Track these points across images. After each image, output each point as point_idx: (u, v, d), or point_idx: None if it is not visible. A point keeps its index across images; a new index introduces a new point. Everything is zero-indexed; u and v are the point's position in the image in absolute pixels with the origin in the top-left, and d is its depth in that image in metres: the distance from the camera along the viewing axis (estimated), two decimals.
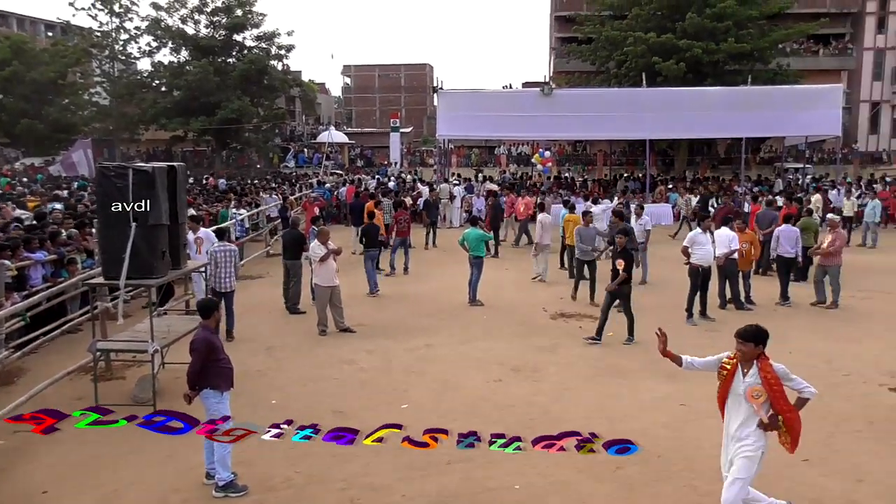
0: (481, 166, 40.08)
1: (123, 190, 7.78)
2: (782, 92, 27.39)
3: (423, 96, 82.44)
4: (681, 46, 31.06)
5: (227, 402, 6.35)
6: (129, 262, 7.73)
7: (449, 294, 14.01)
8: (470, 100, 27.00)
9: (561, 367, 9.52)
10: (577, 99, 27.01)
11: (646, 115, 25.47)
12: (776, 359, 8.95)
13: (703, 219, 12.69)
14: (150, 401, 7.96)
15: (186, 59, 42.46)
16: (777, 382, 5.20)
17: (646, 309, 12.90)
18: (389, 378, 9.16)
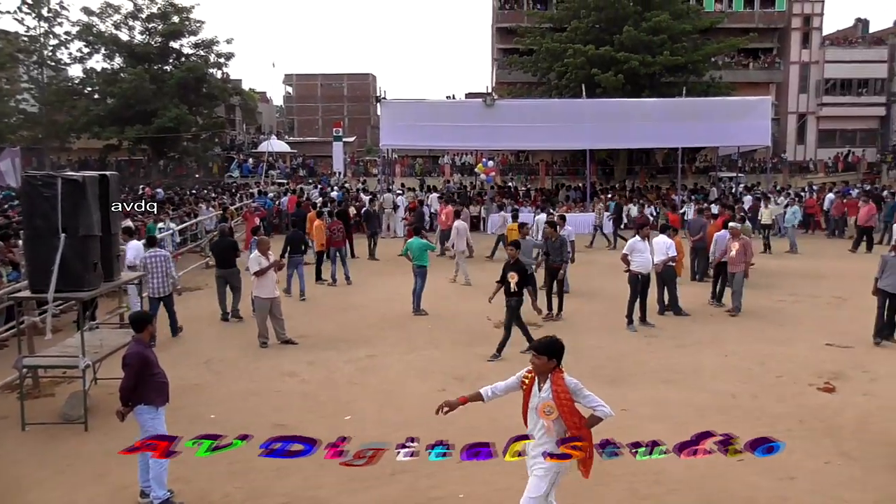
0: (425, 176, 40.15)
1: (52, 200, 7.53)
2: (715, 103, 28.38)
3: (366, 106, 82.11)
4: (619, 59, 31.80)
5: (162, 418, 6.17)
6: (58, 275, 7.46)
7: (393, 304, 13.95)
8: (413, 110, 27.05)
9: (505, 375, 9.46)
10: (519, 109, 27.36)
11: (586, 125, 25.97)
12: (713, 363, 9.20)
13: (641, 226, 12.96)
14: (81, 419, 7.67)
15: (121, 66, 41.29)
16: (567, 398, 4.91)
17: (585, 316, 13.15)
18: (332, 390, 9.05)
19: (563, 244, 13.20)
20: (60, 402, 8.32)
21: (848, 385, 9.06)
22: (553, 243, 13.09)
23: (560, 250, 13.09)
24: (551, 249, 13.07)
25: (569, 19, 34.94)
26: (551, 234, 13.30)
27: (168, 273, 11.42)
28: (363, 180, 38.56)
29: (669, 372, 9.63)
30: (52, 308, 7.74)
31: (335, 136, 45.37)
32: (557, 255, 13.05)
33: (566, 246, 13.37)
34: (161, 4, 41.10)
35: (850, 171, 41.91)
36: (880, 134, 46.68)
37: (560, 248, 13.09)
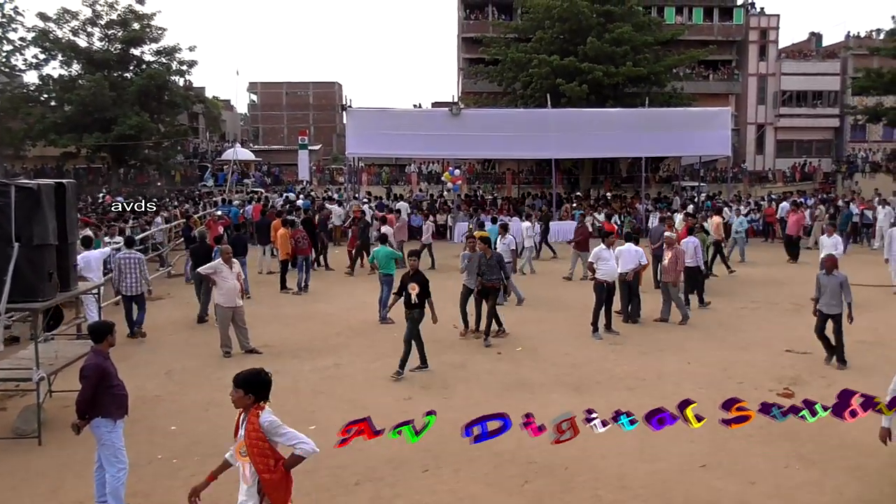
0: (392, 184, 40.10)
1: (4, 208, 7.34)
2: (677, 114, 28.92)
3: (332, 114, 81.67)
4: (583, 69, 32.19)
5: (120, 431, 6.03)
6: (10, 285, 7.27)
7: (358, 312, 13.88)
8: (380, 118, 27.02)
9: (470, 384, 9.58)
10: (485, 119, 27.53)
11: (551, 135, 26.23)
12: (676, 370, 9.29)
13: (606, 235, 13.10)
14: (35, 433, 7.46)
15: (79, 73, 40.37)
16: (258, 436, 4.39)
17: (550, 324, 13.23)
18: (297, 399, 8.95)
19: (499, 261, 12.04)
20: (13, 415, 8.08)
21: (806, 390, 9.22)
22: (487, 260, 11.90)
23: (495, 267, 11.91)
24: (485, 266, 11.88)
25: (533, 30, 35.28)
26: (483, 250, 12.04)
27: (141, 274, 12.11)
28: (328, 189, 38.37)
29: (633, 379, 9.73)
30: (3, 319, 7.52)
31: (301, 145, 45.07)
32: (492, 273, 11.87)
33: (503, 262, 12.21)
34: (121, 11, 40.36)
35: (807, 180, 42.98)
36: (835, 144, 48.03)
37: (496, 265, 11.92)
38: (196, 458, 7.07)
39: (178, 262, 19.29)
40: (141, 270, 12.13)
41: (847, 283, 10.12)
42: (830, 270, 10.18)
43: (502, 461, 7.06)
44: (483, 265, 11.87)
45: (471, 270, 12.08)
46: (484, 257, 11.94)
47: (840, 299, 10.10)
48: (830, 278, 10.17)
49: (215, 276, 11.00)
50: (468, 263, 12.22)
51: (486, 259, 11.93)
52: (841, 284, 10.07)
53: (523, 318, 13.60)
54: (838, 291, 10.07)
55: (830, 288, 10.14)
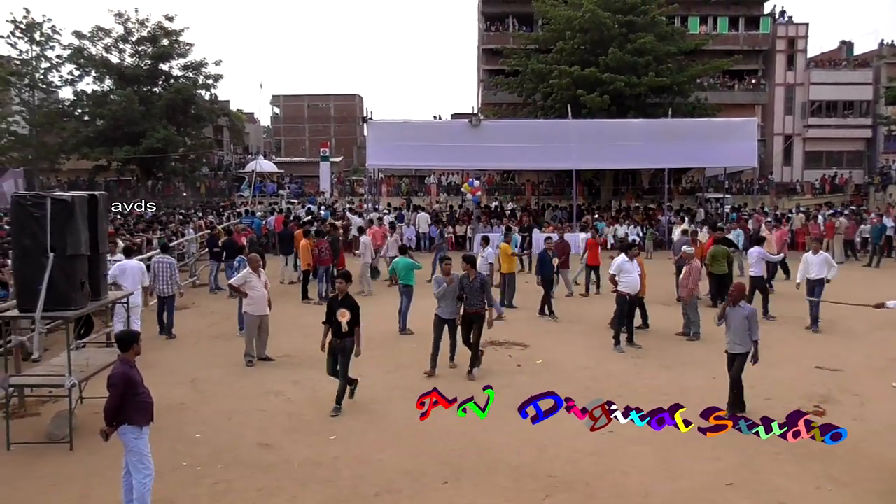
0: (412, 195, 40.34)
1: (41, 219, 7.61)
2: (701, 124, 28.66)
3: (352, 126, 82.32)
4: (604, 80, 32.15)
5: (146, 438, 6.21)
6: (45, 294, 7.52)
7: (378, 323, 13.96)
8: (400, 130, 27.21)
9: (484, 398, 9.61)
10: (505, 130, 27.58)
11: (572, 145, 26.19)
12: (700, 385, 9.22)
13: (629, 247, 13.11)
14: (67, 438, 7.69)
15: (110, 88, 41.42)
16: None
17: (572, 336, 13.25)
18: (317, 409, 9.10)
19: (483, 285, 10.65)
20: (46, 421, 8.33)
21: (838, 409, 9.02)
22: (470, 283, 10.59)
23: (480, 291, 10.58)
24: (468, 291, 10.58)
25: (554, 41, 35.34)
26: (467, 271, 10.68)
27: (172, 276, 13.21)
28: (353, 200, 38.69)
29: (656, 394, 9.67)
30: (39, 327, 7.78)
31: (322, 156, 45.52)
32: (476, 298, 10.54)
33: (487, 285, 10.85)
34: (151, 28, 41.34)
35: (838, 192, 42.32)
36: (867, 156, 47.26)
37: (480, 289, 10.59)
38: (219, 466, 7.24)
39: (203, 272, 19.60)
40: (172, 274, 13.21)
41: (755, 317, 8.68)
42: (736, 301, 8.72)
43: (521, 475, 7.11)
44: (466, 289, 10.56)
45: (445, 297, 10.66)
46: (467, 280, 10.62)
47: (746, 336, 8.65)
48: (735, 311, 8.69)
49: (245, 287, 11.24)
50: (442, 289, 10.66)
51: (470, 282, 10.60)
52: (747, 318, 8.60)
53: (541, 330, 13.64)
54: (744, 327, 8.60)
55: (735, 323, 8.65)
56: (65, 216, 7.70)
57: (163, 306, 13.39)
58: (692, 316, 13.10)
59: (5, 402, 8.09)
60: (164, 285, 13.23)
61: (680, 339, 13.01)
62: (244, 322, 11.47)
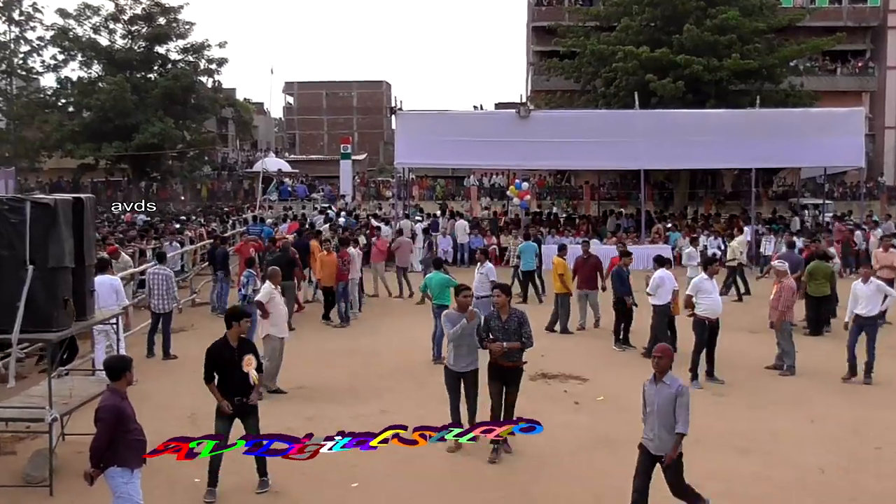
0: (448, 199, 40.46)
1: (19, 226, 7.73)
2: (796, 116, 28.25)
3: (378, 119, 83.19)
4: (678, 62, 31.97)
5: (137, 482, 6.28)
6: (23, 313, 7.63)
7: (408, 350, 14.02)
8: (434, 122, 27.34)
9: (541, 438, 9.52)
10: (559, 122, 27.51)
11: (639, 141, 25.99)
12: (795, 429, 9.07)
13: (710, 263, 12.95)
14: (46, 481, 7.80)
15: (99, 75, 42.38)
16: None
17: (639, 367, 13.08)
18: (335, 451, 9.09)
19: (522, 324, 8.82)
20: (23, 460, 8.46)
21: None
22: (503, 323, 8.80)
23: (516, 334, 8.77)
24: (499, 333, 8.74)
25: (618, 17, 35.24)
26: (500, 305, 8.93)
27: (169, 290, 13.54)
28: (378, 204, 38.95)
29: (742, 438, 9.53)
30: (16, 351, 7.93)
31: (343, 154, 46.00)
32: (511, 339, 8.75)
33: (526, 322, 8.93)
34: (145, 4, 42.19)
35: None
36: None
37: (516, 330, 8.77)
38: None
39: (204, 288, 19.86)
40: (168, 287, 13.54)
41: (686, 397, 6.86)
42: (663, 372, 6.94)
43: None
44: (495, 331, 8.80)
45: (462, 341, 9.06)
46: (496, 318, 8.90)
47: (671, 423, 6.84)
48: (660, 388, 6.93)
49: (269, 305, 11.41)
50: (459, 329, 9.00)
51: (501, 321, 8.84)
52: (676, 398, 6.83)
53: (603, 361, 13.54)
54: (670, 408, 6.84)
55: (660, 401, 6.89)
56: (46, 223, 7.83)
57: (157, 324, 13.61)
58: (785, 346, 12.89)
59: None
60: (159, 300, 13.45)
61: (771, 373, 12.81)
62: (265, 346, 11.53)
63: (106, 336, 11.74)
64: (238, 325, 7.90)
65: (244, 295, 13.80)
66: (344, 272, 16.87)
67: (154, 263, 14.44)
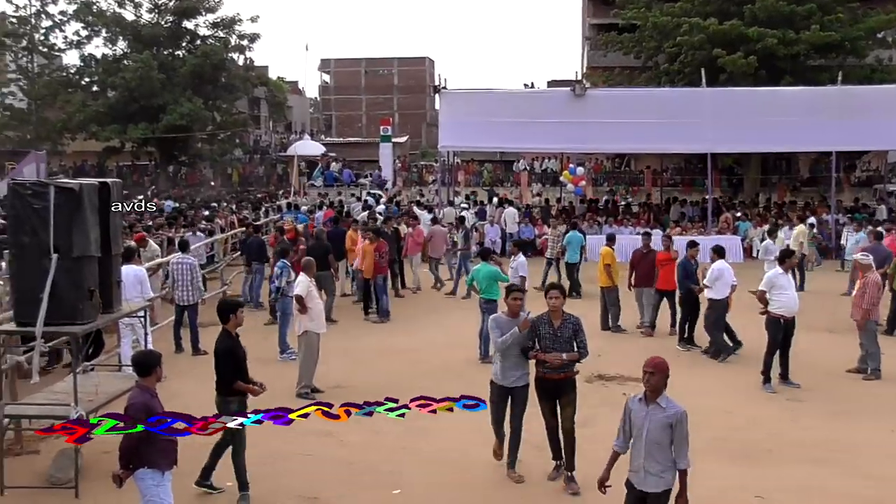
0: (496, 185, 40.37)
1: (42, 212, 7.82)
2: (882, 94, 27.54)
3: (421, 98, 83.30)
4: (750, 36, 31.44)
5: (168, 485, 6.37)
6: (47, 304, 7.74)
7: (453, 347, 14.02)
8: (481, 102, 27.27)
9: (599, 445, 9.42)
10: (618, 101, 27.33)
11: (706, 122, 25.64)
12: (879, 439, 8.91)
13: (787, 256, 12.72)
14: (71, 482, 7.95)
15: (124, 52, 43.03)
16: None
17: (708, 369, 12.93)
18: (377, 455, 9.16)
19: (577, 331, 8.34)
20: (47, 460, 8.65)
21: None
22: (556, 329, 8.28)
23: (570, 342, 8.30)
24: (549, 341, 8.27)
25: None
26: (553, 309, 8.38)
27: (194, 281, 13.69)
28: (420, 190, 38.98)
29: (820, 449, 9.42)
30: (40, 345, 8.06)
31: (382, 136, 46.13)
32: (564, 350, 8.24)
33: (582, 334, 8.40)
34: None
35: None
36: None
37: (571, 338, 8.30)
38: None
39: (235, 280, 20.06)
40: (193, 278, 13.72)
41: (685, 425, 6.23)
42: (656, 392, 6.27)
43: None
44: (546, 338, 8.29)
45: (510, 352, 8.42)
46: (546, 323, 8.36)
47: (667, 459, 6.23)
48: (652, 411, 6.22)
49: (306, 298, 11.49)
50: (509, 337, 8.34)
51: (554, 327, 8.32)
52: (672, 426, 6.17)
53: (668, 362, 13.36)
54: (664, 442, 6.20)
55: (651, 427, 6.20)
56: (71, 209, 7.91)
57: (181, 317, 13.82)
58: (870, 347, 12.66)
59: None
60: (183, 291, 13.64)
61: (853, 377, 12.60)
62: (301, 343, 11.65)
63: (132, 330, 11.95)
64: (235, 317, 8.12)
65: (277, 287, 13.86)
66: (382, 265, 16.93)
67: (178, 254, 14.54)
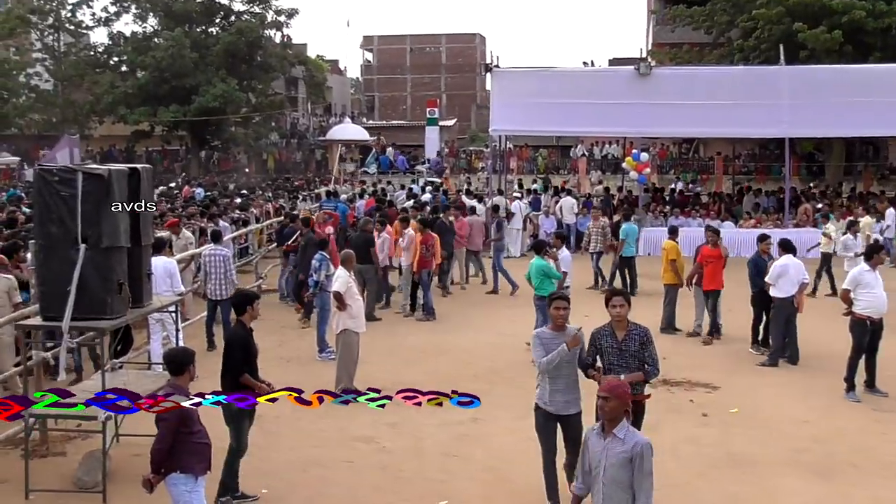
0: (551, 173, 40.15)
1: (70, 200, 7.94)
2: None
3: (470, 78, 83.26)
4: (834, 7, 31.00)
5: (201, 491, 6.45)
6: (75, 298, 7.86)
7: (505, 348, 13.99)
8: (536, 82, 27.15)
9: (663, 456, 9.35)
10: (687, 80, 27.06)
11: (783, 103, 25.31)
12: None
13: (875, 251, 12.44)
14: (99, 486, 8.09)
15: (155, 29, 43.66)
16: None
17: (784, 376, 12.73)
18: (421, 463, 9.18)
19: (644, 343, 7.68)
20: (74, 463, 8.79)
21: None
22: (619, 344, 7.64)
23: (637, 357, 7.69)
24: (612, 356, 7.67)
25: None
26: (617, 319, 7.69)
27: (227, 273, 13.84)
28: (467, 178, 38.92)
29: None
30: (66, 341, 8.20)
31: (429, 119, 46.22)
32: (630, 366, 7.64)
33: (652, 348, 7.76)
34: None
35: None
36: None
37: (638, 352, 7.68)
38: None
39: (272, 273, 20.25)
40: (227, 271, 13.87)
41: (649, 460, 5.55)
42: (613, 421, 5.60)
43: None
44: (608, 353, 7.68)
45: (557, 374, 7.62)
46: (608, 336, 7.72)
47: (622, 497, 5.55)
48: (610, 444, 5.59)
49: (345, 294, 11.55)
50: (556, 356, 7.49)
51: (618, 340, 7.66)
52: (633, 461, 5.51)
53: (736, 365, 13.32)
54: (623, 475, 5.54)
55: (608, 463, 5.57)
56: (100, 196, 8.03)
57: (214, 313, 13.97)
58: None
59: (24, 436, 8.57)
60: (216, 285, 13.77)
61: None
62: (339, 342, 11.71)
63: (162, 326, 12.12)
64: (252, 309, 8.41)
65: (315, 281, 13.85)
66: (428, 259, 16.94)
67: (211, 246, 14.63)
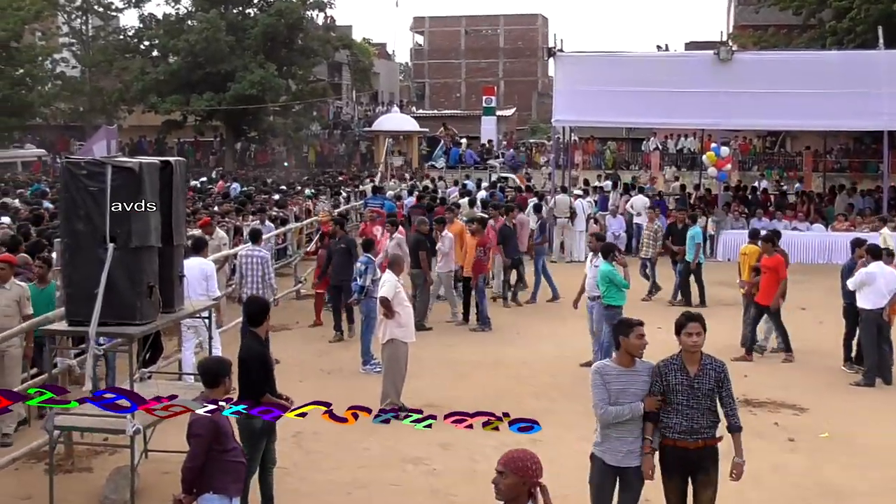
0: (621, 168, 39.87)
1: (98, 196, 8.01)
2: None
3: (531, 63, 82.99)
4: None
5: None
6: (102, 301, 7.91)
7: (568, 362, 13.94)
8: (603, 68, 27.12)
9: (745, 485, 9.24)
10: (772, 67, 26.72)
11: (883, 93, 24.92)
12: None
13: None
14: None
15: (188, 11, 44.14)
16: None
17: (873, 396, 12.52)
18: (475, 489, 9.12)
19: (721, 379, 7.11)
20: (100, 479, 8.93)
21: None
22: (691, 381, 6.98)
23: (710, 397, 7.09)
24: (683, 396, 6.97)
25: None
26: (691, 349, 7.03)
27: (266, 277, 13.98)
28: (527, 174, 38.78)
29: None
30: (94, 347, 8.29)
31: (485, 108, 46.11)
32: (703, 415, 7.04)
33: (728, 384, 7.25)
34: None
35: None
36: None
37: (712, 391, 7.07)
38: None
39: (311, 276, 20.38)
40: (265, 273, 14.02)
41: None
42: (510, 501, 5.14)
43: None
44: (680, 390, 6.98)
45: (620, 417, 7.08)
46: (679, 369, 7.02)
47: None
48: None
49: (393, 301, 11.58)
50: (624, 412, 7.06)
51: (689, 376, 6.99)
52: None
53: (829, 386, 13.19)
54: None
55: None
56: (129, 192, 8.07)
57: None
58: None
59: (49, 450, 8.64)
60: (252, 289, 13.79)
61: None
62: (385, 353, 11.76)
63: (195, 333, 12.17)
64: (267, 320, 8.44)
65: (361, 286, 13.87)
66: (484, 263, 16.90)
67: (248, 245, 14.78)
